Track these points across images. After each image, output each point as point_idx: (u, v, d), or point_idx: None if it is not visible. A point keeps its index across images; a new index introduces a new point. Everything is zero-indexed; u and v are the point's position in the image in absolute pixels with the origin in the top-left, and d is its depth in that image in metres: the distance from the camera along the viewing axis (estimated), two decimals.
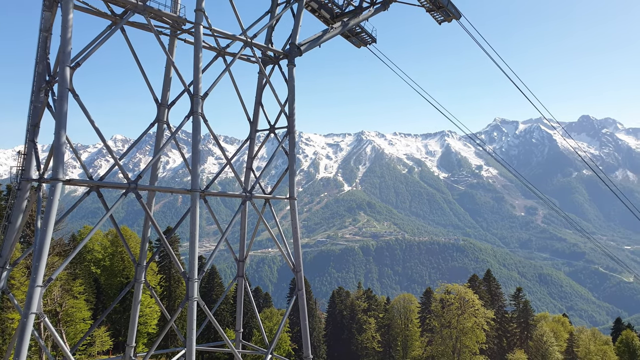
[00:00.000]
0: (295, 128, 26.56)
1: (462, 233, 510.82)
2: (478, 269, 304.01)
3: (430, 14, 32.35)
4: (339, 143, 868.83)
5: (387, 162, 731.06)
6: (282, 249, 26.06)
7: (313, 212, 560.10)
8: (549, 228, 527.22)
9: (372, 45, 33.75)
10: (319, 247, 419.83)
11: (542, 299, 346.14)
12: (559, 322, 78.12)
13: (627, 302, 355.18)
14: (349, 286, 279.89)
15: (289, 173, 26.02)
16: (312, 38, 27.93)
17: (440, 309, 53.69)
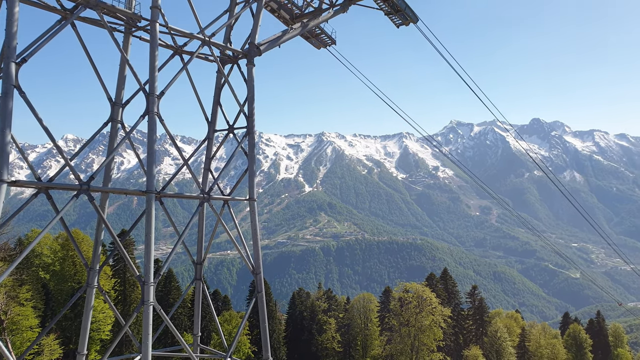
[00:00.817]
0: (255, 128, 26.32)
1: (420, 232, 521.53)
2: (435, 267, 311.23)
3: (389, 17, 32.79)
4: (299, 144, 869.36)
5: (347, 163, 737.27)
6: (241, 251, 25.74)
7: (273, 213, 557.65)
8: (502, 227, 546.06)
9: (332, 46, 33.94)
10: (280, 248, 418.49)
11: (496, 295, 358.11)
12: (512, 318, 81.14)
13: (575, 297, 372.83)
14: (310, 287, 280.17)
15: (249, 174, 25.74)
16: (272, 38, 27.79)
17: (399, 308, 54.52)
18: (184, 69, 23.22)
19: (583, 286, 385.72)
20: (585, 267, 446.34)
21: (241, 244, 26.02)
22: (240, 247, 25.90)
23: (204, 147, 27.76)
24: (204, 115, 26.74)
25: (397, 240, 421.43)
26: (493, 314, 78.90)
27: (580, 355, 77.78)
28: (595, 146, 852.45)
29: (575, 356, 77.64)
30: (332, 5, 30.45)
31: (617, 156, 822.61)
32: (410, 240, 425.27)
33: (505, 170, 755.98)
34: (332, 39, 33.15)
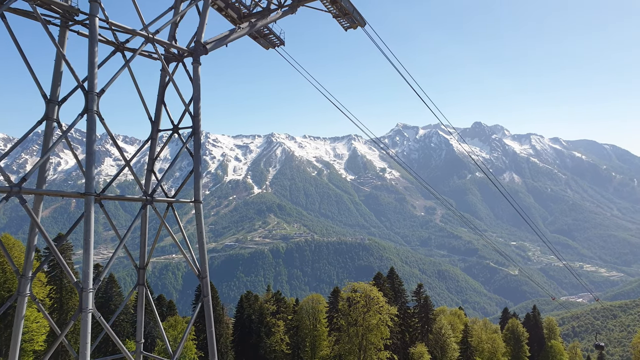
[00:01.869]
0: (202, 128, 25.74)
1: (368, 233, 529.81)
2: (383, 267, 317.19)
3: (337, 20, 33.07)
4: (248, 145, 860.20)
5: (297, 165, 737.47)
6: (186, 254, 25.06)
7: (221, 215, 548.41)
8: (446, 227, 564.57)
9: (281, 47, 33.79)
10: (227, 251, 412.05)
11: (440, 293, 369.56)
12: (455, 314, 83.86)
13: (513, 293, 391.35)
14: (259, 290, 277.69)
15: (194, 175, 25.12)
16: (219, 37, 27.30)
17: (347, 308, 54.99)
18: (125, 66, 22.33)
19: (521, 282, 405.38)
20: (522, 264, 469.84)
21: (186, 248, 25.33)
22: (186, 250, 25.21)
23: (148, 147, 26.84)
24: (148, 115, 25.85)
25: (346, 240, 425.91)
26: (438, 311, 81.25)
27: (518, 348, 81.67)
28: (532, 149, 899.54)
29: (514, 349, 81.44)
30: (280, 6, 30.34)
31: (552, 159, 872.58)
32: (358, 240, 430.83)
33: (449, 171, 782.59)
34: (281, 40, 33.01)
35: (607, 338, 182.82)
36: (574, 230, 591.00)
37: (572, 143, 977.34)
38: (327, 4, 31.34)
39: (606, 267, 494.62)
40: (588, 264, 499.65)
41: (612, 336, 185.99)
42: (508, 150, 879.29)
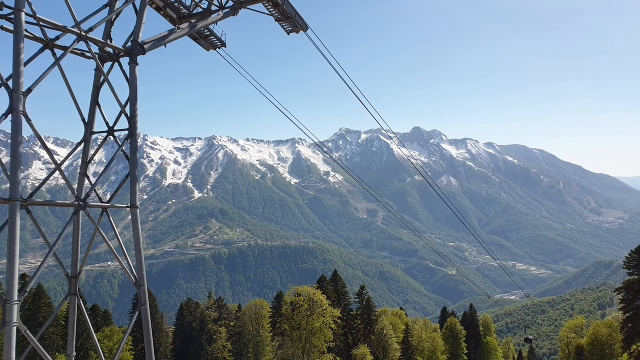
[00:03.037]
0: (139, 131, 24.83)
1: (312, 236, 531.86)
2: (326, 269, 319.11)
3: (279, 23, 33.02)
4: (188, 147, 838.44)
5: (240, 168, 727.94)
6: (122, 261, 24.03)
7: (159, 220, 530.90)
8: (387, 229, 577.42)
9: (222, 49, 33.29)
10: (167, 257, 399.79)
11: (382, 294, 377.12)
12: (396, 315, 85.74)
13: (451, 293, 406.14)
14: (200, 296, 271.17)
15: (130, 179, 24.15)
16: (158, 37, 26.48)
17: (291, 312, 54.83)
18: (55, 64, 21.16)
19: (458, 282, 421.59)
20: (460, 264, 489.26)
21: (122, 255, 24.31)
22: (121, 257, 24.17)
23: (80, 150, 25.53)
24: (80, 116, 24.61)
25: (290, 244, 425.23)
26: (380, 312, 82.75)
27: (456, 345, 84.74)
28: (467, 153, 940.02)
29: (452, 347, 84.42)
30: (221, 8, 29.88)
31: (486, 162, 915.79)
32: (302, 243, 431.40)
33: (390, 175, 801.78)
34: (222, 42, 32.53)
35: (537, 332, 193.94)
36: (507, 230, 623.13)
37: (505, 147, 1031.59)
38: (269, 7, 31.23)
39: (536, 265, 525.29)
40: (520, 262, 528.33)
41: (541, 330, 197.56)
42: (445, 155, 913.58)
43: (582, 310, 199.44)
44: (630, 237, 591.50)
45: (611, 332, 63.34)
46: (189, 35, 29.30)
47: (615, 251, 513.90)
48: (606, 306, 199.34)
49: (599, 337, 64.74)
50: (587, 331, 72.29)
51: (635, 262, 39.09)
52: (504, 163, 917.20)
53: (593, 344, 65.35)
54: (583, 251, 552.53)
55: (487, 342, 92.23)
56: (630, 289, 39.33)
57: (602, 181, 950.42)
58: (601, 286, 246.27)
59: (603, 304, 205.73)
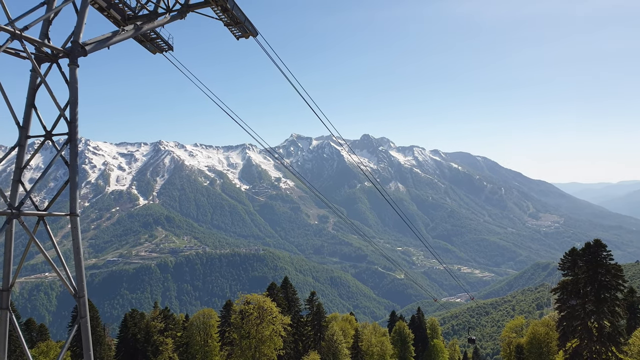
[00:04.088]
0: (80, 135, 23.73)
1: (263, 243, 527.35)
2: (277, 276, 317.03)
3: (228, 28, 32.63)
4: (133, 153, 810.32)
5: (187, 174, 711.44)
6: (60, 273, 22.79)
7: (102, 229, 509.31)
8: (338, 234, 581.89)
9: (169, 52, 32.48)
10: (110, 267, 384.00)
11: (333, 300, 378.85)
12: (347, 320, 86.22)
13: (400, 296, 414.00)
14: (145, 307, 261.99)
15: (70, 186, 23.01)
16: (100, 38, 25.48)
17: (240, 321, 53.98)
18: None
19: (406, 286, 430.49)
20: (408, 268, 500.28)
21: (60, 265, 23.07)
22: (60, 268, 22.93)
23: (15, 155, 24.07)
24: (15, 120, 23.23)
25: (240, 252, 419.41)
26: (330, 318, 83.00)
27: (404, 349, 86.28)
28: (414, 160, 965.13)
29: (401, 350, 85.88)
30: (168, 11, 29.19)
31: (432, 169, 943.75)
32: (253, 251, 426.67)
33: (340, 181, 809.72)
34: (169, 45, 31.73)
35: (481, 333, 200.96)
36: (453, 235, 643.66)
37: (450, 155, 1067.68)
38: (219, 11, 30.82)
39: (480, 268, 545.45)
40: (465, 266, 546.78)
41: (485, 331, 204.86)
42: (393, 161, 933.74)
43: (522, 310, 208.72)
44: (565, 240, 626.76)
45: (548, 331, 66.71)
46: (134, 37, 28.37)
47: (552, 254, 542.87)
48: (544, 306, 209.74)
49: (537, 336, 67.98)
50: (526, 331, 75.64)
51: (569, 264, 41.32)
52: (449, 170, 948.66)
53: (532, 342, 68.52)
54: (523, 254, 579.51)
55: (435, 344, 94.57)
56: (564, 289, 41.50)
57: (540, 187, 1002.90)
58: (539, 287, 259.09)
59: (541, 304, 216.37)
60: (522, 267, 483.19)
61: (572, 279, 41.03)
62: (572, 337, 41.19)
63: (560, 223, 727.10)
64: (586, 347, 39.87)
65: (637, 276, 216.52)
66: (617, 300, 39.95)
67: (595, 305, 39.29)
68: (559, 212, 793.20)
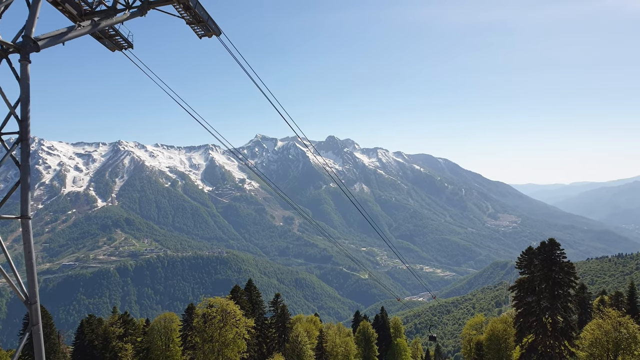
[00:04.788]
0: (32, 134, 22.76)
1: (226, 245, 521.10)
2: (241, 279, 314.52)
3: (191, 26, 32.03)
4: (91, 153, 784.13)
5: (148, 175, 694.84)
6: (9, 278, 21.74)
7: (57, 232, 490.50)
8: (303, 236, 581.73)
9: (129, 50, 31.57)
10: (65, 272, 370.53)
11: (298, 302, 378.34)
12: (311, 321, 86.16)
13: (364, 296, 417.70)
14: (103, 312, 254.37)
15: (22, 187, 22.01)
16: (54, 34, 24.51)
17: (203, 324, 53.03)
18: None
19: (371, 286, 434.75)
20: (372, 268, 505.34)
21: (10, 271, 22.03)
22: (9, 274, 21.89)
23: None
24: None
25: (203, 254, 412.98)
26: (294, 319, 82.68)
27: (368, 348, 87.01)
28: (378, 162, 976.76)
29: (365, 350, 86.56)
30: (128, 7, 28.37)
31: (395, 171, 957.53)
32: (216, 254, 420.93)
33: (306, 182, 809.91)
34: (129, 42, 30.82)
35: (443, 331, 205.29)
36: (415, 235, 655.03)
37: (412, 157, 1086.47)
38: (180, 9, 30.20)
39: (441, 267, 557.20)
40: (427, 265, 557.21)
41: (447, 329, 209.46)
42: (358, 163, 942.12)
43: (482, 308, 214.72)
44: (522, 239, 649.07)
45: (506, 328, 68.80)
46: (91, 34, 27.44)
47: (510, 253, 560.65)
48: (502, 304, 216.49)
49: (496, 332, 70.03)
50: (486, 328, 77.76)
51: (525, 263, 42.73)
52: (411, 171, 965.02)
53: (491, 339, 70.53)
54: (483, 253, 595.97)
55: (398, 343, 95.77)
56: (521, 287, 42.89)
57: (499, 188, 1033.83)
58: (498, 285, 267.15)
59: (500, 301, 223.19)
60: (481, 266, 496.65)
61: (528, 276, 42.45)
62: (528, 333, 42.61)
63: (518, 223, 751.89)
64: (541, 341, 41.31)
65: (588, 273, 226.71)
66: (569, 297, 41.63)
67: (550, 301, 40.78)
68: (517, 213, 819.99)
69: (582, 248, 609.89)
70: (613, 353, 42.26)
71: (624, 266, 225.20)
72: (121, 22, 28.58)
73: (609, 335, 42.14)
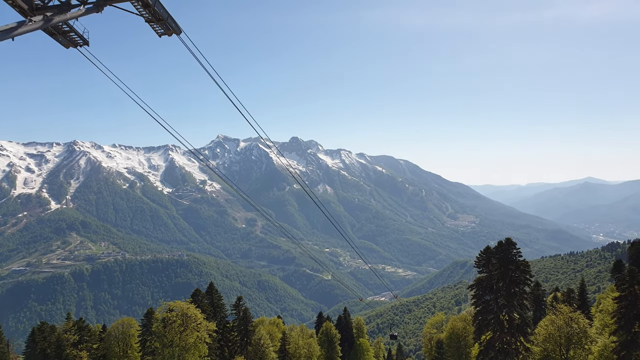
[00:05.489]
0: None
1: (187, 248, 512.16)
2: (202, 282, 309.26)
3: (150, 24, 31.16)
4: (44, 154, 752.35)
5: (105, 177, 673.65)
6: None
7: (7, 236, 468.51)
8: (266, 238, 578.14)
9: (84, 47, 30.42)
10: (16, 277, 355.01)
11: (260, 304, 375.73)
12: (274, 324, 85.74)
13: (327, 297, 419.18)
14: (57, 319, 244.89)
15: None
16: (3, 29, 23.30)
17: (162, 329, 51.87)
18: None
19: (334, 286, 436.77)
20: (335, 269, 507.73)
21: None
22: None
23: None
24: None
25: (162, 258, 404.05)
26: (257, 322, 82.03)
27: (331, 349, 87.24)
28: (341, 163, 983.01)
29: (328, 351, 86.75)
30: (83, 3, 27.33)
31: (358, 172, 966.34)
32: (176, 257, 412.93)
33: (269, 183, 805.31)
34: (84, 39, 29.66)
35: (404, 330, 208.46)
36: (377, 235, 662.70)
37: (375, 158, 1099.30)
38: (139, 7, 29.34)
39: (403, 267, 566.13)
40: (389, 265, 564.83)
41: (408, 328, 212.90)
42: (322, 164, 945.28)
43: (442, 307, 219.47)
44: (480, 238, 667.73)
45: (465, 326, 70.58)
46: (43, 29, 26.25)
47: (469, 252, 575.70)
48: (462, 302, 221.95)
49: (456, 330, 71.73)
50: (446, 326, 79.50)
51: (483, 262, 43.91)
52: (374, 173, 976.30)
53: (451, 337, 72.20)
54: (443, 253, 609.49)
55: (360, 343, 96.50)
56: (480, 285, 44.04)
57: (458, 189, 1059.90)
58: (458, 284, 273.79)
59: (459, 300, 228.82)
60: (442, 266, 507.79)
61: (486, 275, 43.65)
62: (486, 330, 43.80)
63: (477, 223, 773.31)
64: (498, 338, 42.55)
65: (542, 271, 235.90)
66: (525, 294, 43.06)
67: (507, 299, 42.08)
68: (475, 213, 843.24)
69: (537, 247, 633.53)
70: (565, 347, 44.09)
71: (575, 263, 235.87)
72: (76, 18, 27.49)
73: (562, 331, 43.96)
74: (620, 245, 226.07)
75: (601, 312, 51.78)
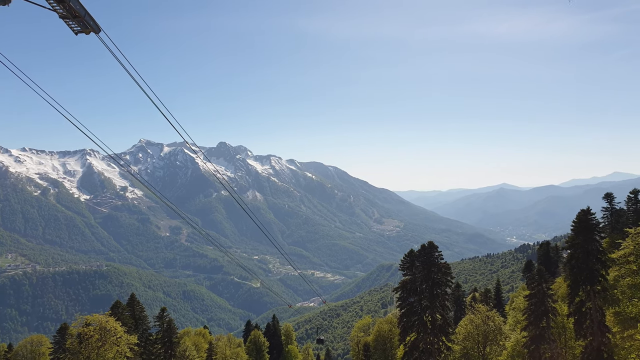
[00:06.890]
0: None
1: (106, 258, 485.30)
2: (123, 294, 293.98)
3: (65, 21, 29.14)
4: None
5: (13, 183, 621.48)
6: None
7: None
8: (192, 246, 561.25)
9: None
10: None
11: (186, 315, 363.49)
12: (200, 334, 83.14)
13: (256, 305, 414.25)
14: None
15: None
16: None
17: (78, 345, 48.47)
18: None
19: (263, 294, 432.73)
20: (264, 276, 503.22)
21: None
22: None
23: None
24: None
25: (79, 269, 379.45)
26: (182, 333, 79.12)
27: (260, 357, 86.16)
28: (271, 169, 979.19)
29: (256, 359, 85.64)
30: None
31: (288, 178, 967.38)
32: (94, 268, 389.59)
33: (195, 190, 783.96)
34: None
35: (332, 335, 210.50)
36: (307, 241, 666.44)
37: (305, 165, 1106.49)
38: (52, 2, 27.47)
39: (331, 272, 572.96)
40: (318, 270, 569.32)
41: (336, 333, 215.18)
42: (251, 170, 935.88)
43: (369, 310, 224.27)
44: (405, 242, 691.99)
45: (391, 328, 72.47)
46: None
47: (394, 255, 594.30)
48: (388, 305, 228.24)
49: (382, 333, 73.45)
50: (373, 329, 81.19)
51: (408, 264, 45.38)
52: (304, 179, 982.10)
53: (377, 339, 73.79)
54: (370, 257, 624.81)
55: (289, 350, 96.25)
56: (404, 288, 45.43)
57: (383, 195, 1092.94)
58: (384, 287, 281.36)
59: (385, 303, 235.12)
60: (369, 269, 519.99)
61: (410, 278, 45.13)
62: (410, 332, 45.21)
63: (401, 227, 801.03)
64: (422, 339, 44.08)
65: (462, 272, 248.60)
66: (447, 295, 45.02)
67: (430, 300, 43.73)
68: (400, 217, 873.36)
69: (457, 249, 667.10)
70: (482, 345, 46.64)
71: (492, 265, 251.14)
72: None
73: (479, 329, 46.48)
74: (531, 247, 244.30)
75: (514, 310, 55.43)
